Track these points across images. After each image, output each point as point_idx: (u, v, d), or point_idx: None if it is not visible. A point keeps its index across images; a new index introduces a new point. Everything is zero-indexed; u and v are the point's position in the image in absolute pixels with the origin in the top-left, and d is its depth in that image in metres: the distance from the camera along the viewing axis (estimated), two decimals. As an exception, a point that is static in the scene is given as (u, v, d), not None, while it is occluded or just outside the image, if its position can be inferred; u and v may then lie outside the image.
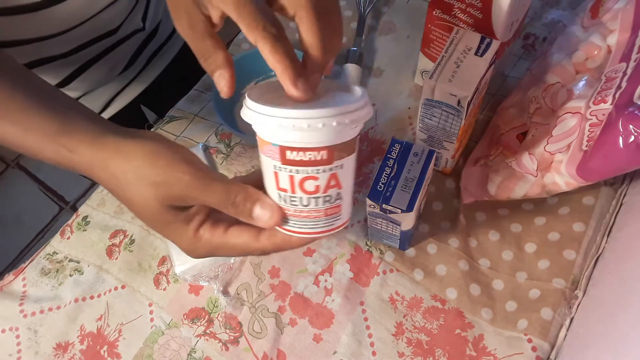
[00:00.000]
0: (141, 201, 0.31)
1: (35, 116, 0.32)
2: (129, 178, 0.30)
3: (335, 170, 0.29)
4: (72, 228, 0.56)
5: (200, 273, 0.49)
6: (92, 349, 0.49)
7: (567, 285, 0.45)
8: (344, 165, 0.29)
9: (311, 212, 0.30)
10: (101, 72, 0.64)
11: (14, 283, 0.53)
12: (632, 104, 0.38)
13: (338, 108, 0.27)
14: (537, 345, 0.43)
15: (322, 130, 0.27)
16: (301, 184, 0.29)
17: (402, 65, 0.62)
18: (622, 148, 0.38)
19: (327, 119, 0.27)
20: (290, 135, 0.27)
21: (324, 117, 0.27)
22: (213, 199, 0.30)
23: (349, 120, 0.27)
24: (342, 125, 0.27)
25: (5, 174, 1.66)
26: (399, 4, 0.68)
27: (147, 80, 0.71)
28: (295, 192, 0.29)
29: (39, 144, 0.32)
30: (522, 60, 0.59)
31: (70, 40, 0.55)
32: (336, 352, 0.46)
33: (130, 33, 0.62)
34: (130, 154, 0.30)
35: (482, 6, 0.46)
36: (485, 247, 0.49)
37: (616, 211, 0.47)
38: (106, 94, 0.68)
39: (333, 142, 0.28)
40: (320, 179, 0.29)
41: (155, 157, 0.30)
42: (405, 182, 0.41)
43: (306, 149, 0.28)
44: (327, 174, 0.29)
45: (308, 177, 0.28)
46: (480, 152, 0.52)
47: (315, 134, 0.27)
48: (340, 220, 0.32)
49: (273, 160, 0.29)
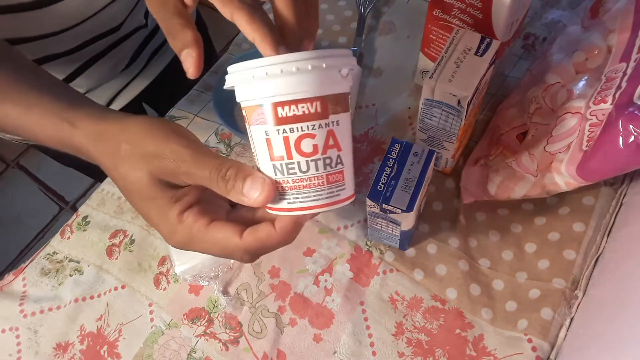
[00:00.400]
0: (131, 173, 0.31)
1: (40, 97, 0.33)
2: (123, 148, 0.31)
3: (332, 127, 0.27)
4: (72, 228, 0.56)
5: (200, 273, 0.49)
6: (92, 349, 0.49)
7: (567, 285, 0.45)
8: (340, 122, 0.28)
9: (312, 179, 0.28)
10: (104, 69, 0.64)
11: (14, 283, 0.53)
12: (632, 104, 0.38)
13: (325, 51, 0.26)
14: (537, 345, 0.43)
15: (312, 73, 0.25)
16: (297, 145, 0.27)
17: (402, 65, 0.62)
18: (622, 148, 0.38)
19: (315, 60, 0.25)
20: (279, 85, 0.26)
21: (312, 58, 0.25)
22: (205, 171, 0.29)
23: (339, 63, 0.26)
24: (331, 69, 0.26)
25: (5, 174, 1.66)
26: (399, 4, 0.68)
27: (149, 78, 0.71)
28: (291, 157, 0.28)
29: (42, 119, 0.33)
30: (522, 60, 0.59)
31: (73, 37, 0.55)
32: (336, 352, 0.46)
33: (132, 30, 0.62)
34: (129, 126, 0.31)
35: (482, 6, 0.46)
36: (485, 247, 0.49)
37: (616, 211, 0.47)
38: (109, 91, 0.68)
39: (325, 92, 0.26)
40: (318, 136, 0.27)
41: (151, 130, 0.30)
42: (405, 182, 0.41)
43: (298, 100, 0.26)
44: (325, 130, 0.27)
45: (304, 135, 0.27)
46: (480, 152, 0.52)
47: (305, 78, 0.26)
48: (345, 192, 0.30)
49: (264, 126, 0.27)
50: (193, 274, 0.49)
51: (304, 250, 0.51)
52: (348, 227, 0.52)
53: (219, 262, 0.50)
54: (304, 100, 0.26)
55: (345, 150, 0.29)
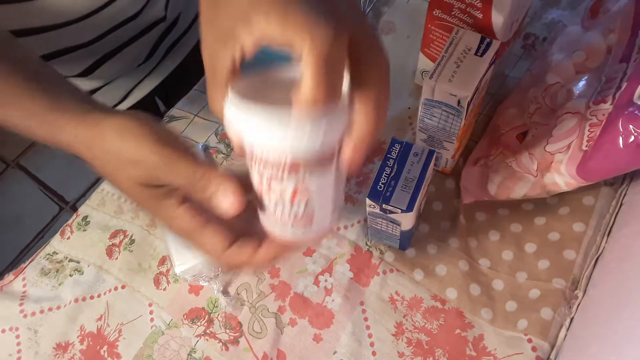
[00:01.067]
0: (118, 177, 0.31)
1: (22, 95, 0.32)
2: (107, 157, 0.30)
3: (301, 183, 0.27)
4: (72, 228, 0.56)
5: (200, 273, 0.49)
6: (92, 349, 0.49)
7: (567, 285, 0.45)
8: (315, 178, 0.27)
9: (279, 216, 0.29)
10: (121, 64, 0.63)
11: (14, 283, 0.53)
12: (632, 104, 0.38)
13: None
14: (537, 345, 0.43)
15: (283, 133, 0.24)
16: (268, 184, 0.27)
17: (402, 65, 0.62)
18: (622, 148, 0.38)
19: (289, 120, 0.24)
20: (255, 132, 0.25)
21: (285, 118, 0.24)
22: (179, 180, 0.29)
23: (315, 126, 0.24)
24: (306, 131, 0.24)
25: (5, 174, 1.66)
26: (399, 4, 0.68)
27: (164, 73, 0.71)
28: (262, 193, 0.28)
29: (33, 123, 0.33)
30: (522, 60, 0.59)
31: (89, 28, 0.55)
32: (336, 352, 0.46)
33: (152, 23, 0.61)
34: (105, 130, 0.30)
35: (482, 6, 0.46)
36: (485, 247, 0.49)
37: (616, 211, 0.47)
38: (125, 85, 0.67)
39: (297, 150, 0.25)
40: (285, 185, 0.27)
41: (124, 134, 0.29)
42: (405, 182, 0.41)
43: (270, 149, 0.26)
44: (292, 183, 0.27)
45: (272, 178, 0.27)
46: (480, 152, 0.52)
47: (275, 135, 0.25)
48: (311, 233, 0.30)
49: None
50: (193, 274, 0.49)
51: (304, 250, 0.51)
52: (348, 227, 0.52)
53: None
54: (274, 151, 0.26)
55: (318, 201, 0.29)
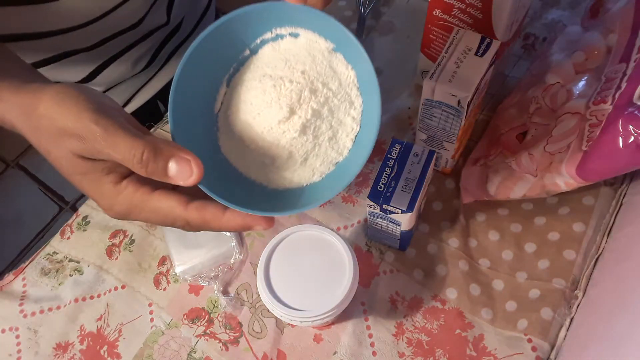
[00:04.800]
0: (55, 150, 0.29)
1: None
2: (42, 123, 0.28)
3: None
4: (72, 228, 0.56)
5: (200, 273, 0.49)
6: (92, 349, 0.49)
7: (567, 285, 0.45)
8: None
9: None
10: (124, 68, 0.63)
11: (13, 283, 0.53)
12: (632, 104, 0.38)
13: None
14: (537, 345, 0.43)
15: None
16: None
17: (402, 65, 0.62)
18: (622, 148, 0.38)
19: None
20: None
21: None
22: (117, 154, 0.27)
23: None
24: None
25: (5, 174, 1.66)
26: (399, 4, 0.68)
27: (167, 77, 0.71)
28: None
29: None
30: (522, 60, 0.59)
31: (93, 33, 0.55)
32: (336, 352, 0.46)
33: (154, 28, 0.61)
34: (44, 97, 0.29)
35: (482, 6, 0.46)
36: (485, 247, 0.49)
37: (616, 211, 0.47)
38: (128, 89, 0.67)
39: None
40: None
41: (64, 102, 0.28)
42: (406, 183, 0.41)
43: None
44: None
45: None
46: (480, 152, 0.52)
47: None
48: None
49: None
50: (193, 274, 0.49)
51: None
52: (348, 227, 0.52)
53: (219, 262, 0.50)
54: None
55: None
